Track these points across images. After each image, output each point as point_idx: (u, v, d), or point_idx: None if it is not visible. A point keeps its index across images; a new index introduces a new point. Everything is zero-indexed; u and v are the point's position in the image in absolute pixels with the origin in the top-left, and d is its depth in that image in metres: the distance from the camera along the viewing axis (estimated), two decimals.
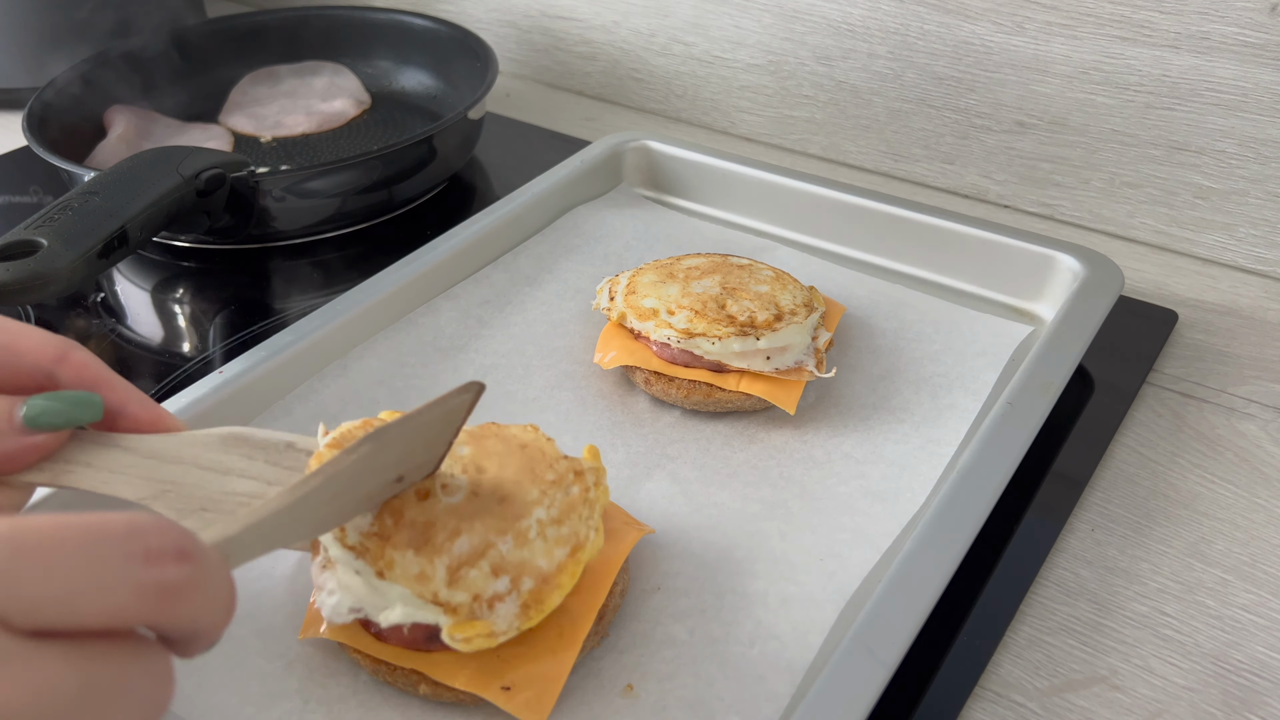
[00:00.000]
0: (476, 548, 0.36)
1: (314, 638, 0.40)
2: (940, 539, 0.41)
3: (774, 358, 0.50)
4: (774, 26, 0.77)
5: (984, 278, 0.60)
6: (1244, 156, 0.63)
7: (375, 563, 0.36)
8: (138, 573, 0.22)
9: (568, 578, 0.37)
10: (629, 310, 0.53)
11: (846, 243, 0.64)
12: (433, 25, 0.85)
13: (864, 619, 0.38)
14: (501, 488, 0.38)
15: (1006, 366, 0.54)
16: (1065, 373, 0.49)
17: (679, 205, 0.70)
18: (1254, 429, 0.53)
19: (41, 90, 0.74)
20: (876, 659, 0.36)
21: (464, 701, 0.38)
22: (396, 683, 0.38)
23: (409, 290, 0.57)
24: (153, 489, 0.36)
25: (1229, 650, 0.42)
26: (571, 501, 0.39)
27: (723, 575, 0.43)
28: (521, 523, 0.37)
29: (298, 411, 0.51)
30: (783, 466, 0.49)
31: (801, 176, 0.65)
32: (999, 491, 0.43)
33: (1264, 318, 0.62)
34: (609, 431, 0.51)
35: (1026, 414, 0.47)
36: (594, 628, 0.39)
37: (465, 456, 0.39)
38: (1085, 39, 0.65)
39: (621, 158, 0.70)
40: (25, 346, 0.35)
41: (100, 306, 0.65)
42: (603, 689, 0.39)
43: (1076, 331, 0.52)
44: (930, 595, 0.39)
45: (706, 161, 0.68)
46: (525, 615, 0.36)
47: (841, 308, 0.57)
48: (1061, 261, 0.57)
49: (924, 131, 0.74)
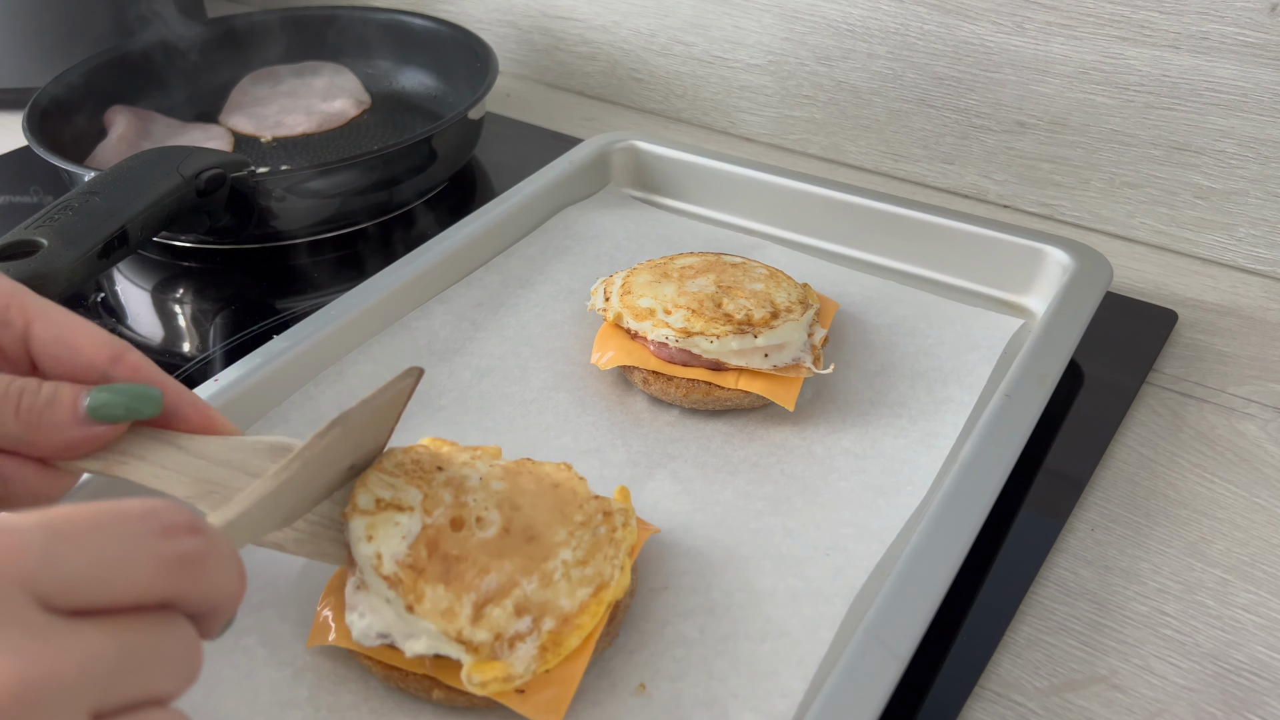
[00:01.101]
0: (503, 586, 0.37)
1: (322, 645, 0.40)
2: (946, 531, 0.41)
3: (772, 355, 0.51)
4: (774, 26, 0.77)
5: (974, 272, 0.61)
6: (1244, 156, 0.63)
7: (407, 595, 0.36)
8: (158, 545, 0.25)
9: (589, 618, 0.37)
10: (625, 310, 0.53)
11: (837, 240, 0.64)
12: (433, 25, 0.85)
13: (875, 612, 0.38)
14: (532, 527, 0.39)
15: (1000, 359, 0.54)
16: (1060, 364, 0.50)
17: (668, 205, 0.70)
18: (1254, 429, 0.53)
19: (41, 90, 0.74)
20: (889, 651, 0.36)
21: (477, 706, 0.38)
22: (409, 688, 0.38)
23: (401, 295, 0.57)
24: (199, 488, 0.37)
25: (1229, 650, 0.42)
26: (598, 541, 0.39)
27: (730, 572, 0.43)
28: (548, 564, 0.38)
29: (294, 419, 0.51)
30: (784, 463, 0.49)
31: (790, 174, 0.65)
32: (1001, 483, 0.43)
33: (1264, 318, 0.62)
34: (608, 432, 0.51)
35: (1024, 406, 0.47)
36: (606, 628, 0.39)
37: (500, 492, 0.40)
38: (1085, 39, 0.65)
39: (609, 158, 0.70)
40: (83, 344, 0.36)
41: (100, 306, 0.65)
42: (615, 689, 0.39)
43: (1068, 323, 0.52)
44: (939, 587, 0.39)
45: (695, 161, 0.68)
46: (543, 658, 0.36)
47: (835, 304, 0.57)
48: (1051, 255, 0.58)
49: (924, 131, 0.75)
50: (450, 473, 0.40)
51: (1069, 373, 0.53)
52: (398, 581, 0.37)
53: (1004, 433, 0.46)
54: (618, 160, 0.70)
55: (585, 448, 0.50)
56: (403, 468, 0.40)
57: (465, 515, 0.38)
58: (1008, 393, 0.48)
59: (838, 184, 0.64)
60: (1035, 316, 0.58)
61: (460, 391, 0.54)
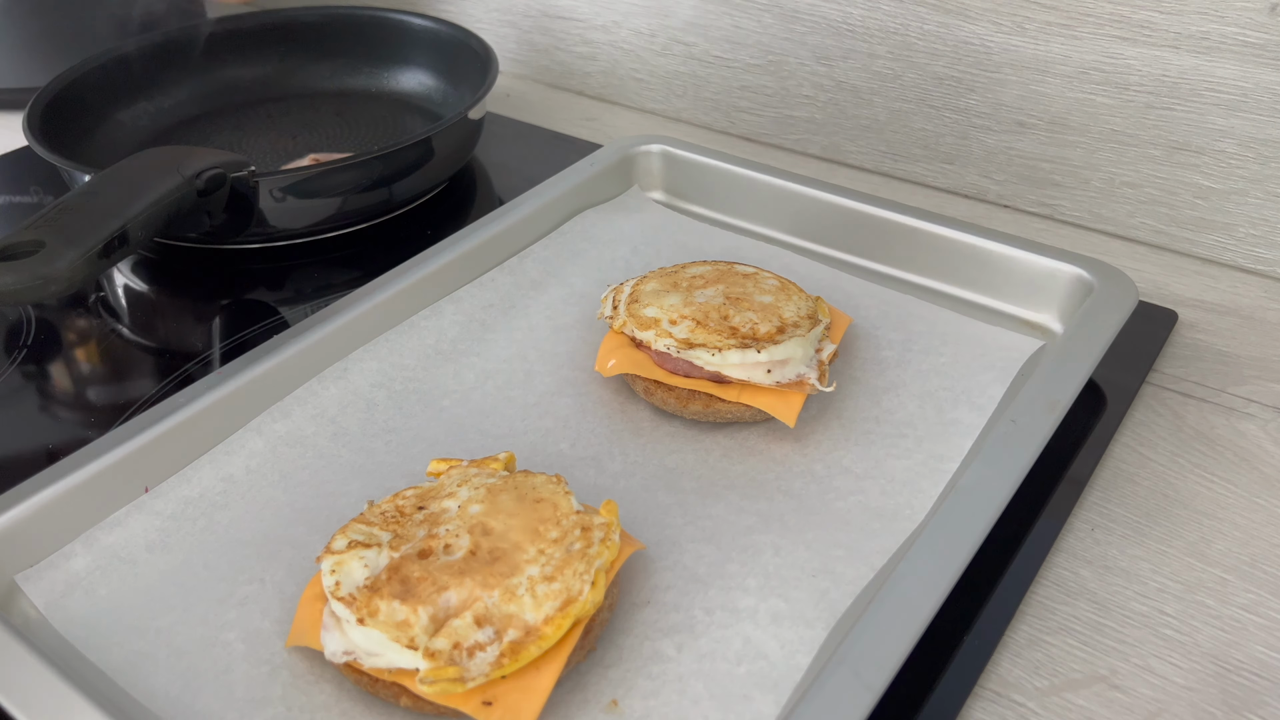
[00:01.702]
0: (464, 601, 0.38)
1: (299, 646, 0.40)
2: (934, 561, 0.40)
3: (775, 370, 0.50)
4: (774, 26, 0.77)
5: (995, 289, 0.59)
6: (1244, 156, 0.63)
7: (359, 610, 0.38)
8: None
9: (554, 629, 0.37)
10: (631, 319, 0.52)
11: (856, 251, 0.63)
12: (433, 25, 0.85)
13: (851, 642, 0.37)
14: (499, 548, 0.39)
15: (1014, 381, 0.53)
16: (1073, 390, 0.48)
17: (690, 210, 0.70)
18: (1254, 429, 0.53)
19: (41, 90, 0.74)
20: (862, 683, 0.35)
21: (445, 715, 0.38)
22: (379, 694, 0.38)
23: (411, 293, 0.57)
24: None
25: (1229, 650, 0.42)
26: (570, 557, 0.39)
27: (714, 590, 0.42)
28: (511, 579, 0.38)
29: (296, 414, 0.51)
30: (781, 480, 0.48)
31: (814, 184, 0.65)
32: (998, 513, 0.42)
33: (1264, 318, 0.62)
34: (607, 440, 0.51)
35: (1030, 433, 0.46)
36: (580, 642, 0.39)
37: (474, 516, 0.40)
38: (1085, 39, 0.65)
39: (633, 162, 0.70)
40: None
41: (100, 306, 0.65)
42: (587, 704, 0.38)
43: (1086, 347, 0.51)
44: (920, 620, 0.38)
45: (720, 167, 0.67)
46: (499, 665, 0.36)
47: (848, 319, 0.55)
48: (1075, 275, 0.56)
49: (924, 131, 0.74)
50: (430, 509, 0.41)
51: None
52: (351, 600, 0.38)
53: (1005, 461, 0.44)
54: (641, 164, 0.70)
55: (582, 455, 0.50)
56: (384, 515, 0.42)
57: (434, 545, 0.40)
58: (1013, 418, 0.46)
59: (859, 194, 0.63)
60: (1055, 337, 0.57)
61: (464, 393, 0.54)
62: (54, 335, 0.62)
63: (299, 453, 0.50)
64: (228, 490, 0.48)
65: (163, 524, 0.46)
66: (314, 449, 0.50)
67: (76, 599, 0.43)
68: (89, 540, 0.45)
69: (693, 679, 0.39)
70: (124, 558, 0.44)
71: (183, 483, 0.47)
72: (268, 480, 0.48)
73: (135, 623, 0.42)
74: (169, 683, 0.39)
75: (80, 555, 0.44)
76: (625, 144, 0.70)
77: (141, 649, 0.41)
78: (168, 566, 0.44)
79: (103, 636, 0.41)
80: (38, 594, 0.43)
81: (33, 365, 0.59)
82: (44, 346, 0.61)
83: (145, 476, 0.47)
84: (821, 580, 0.42)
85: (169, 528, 0.46)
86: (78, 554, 0.44)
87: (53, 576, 0.43)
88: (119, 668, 0.40)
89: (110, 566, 0.44)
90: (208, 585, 0.43)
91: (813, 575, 0.43)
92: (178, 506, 0.47)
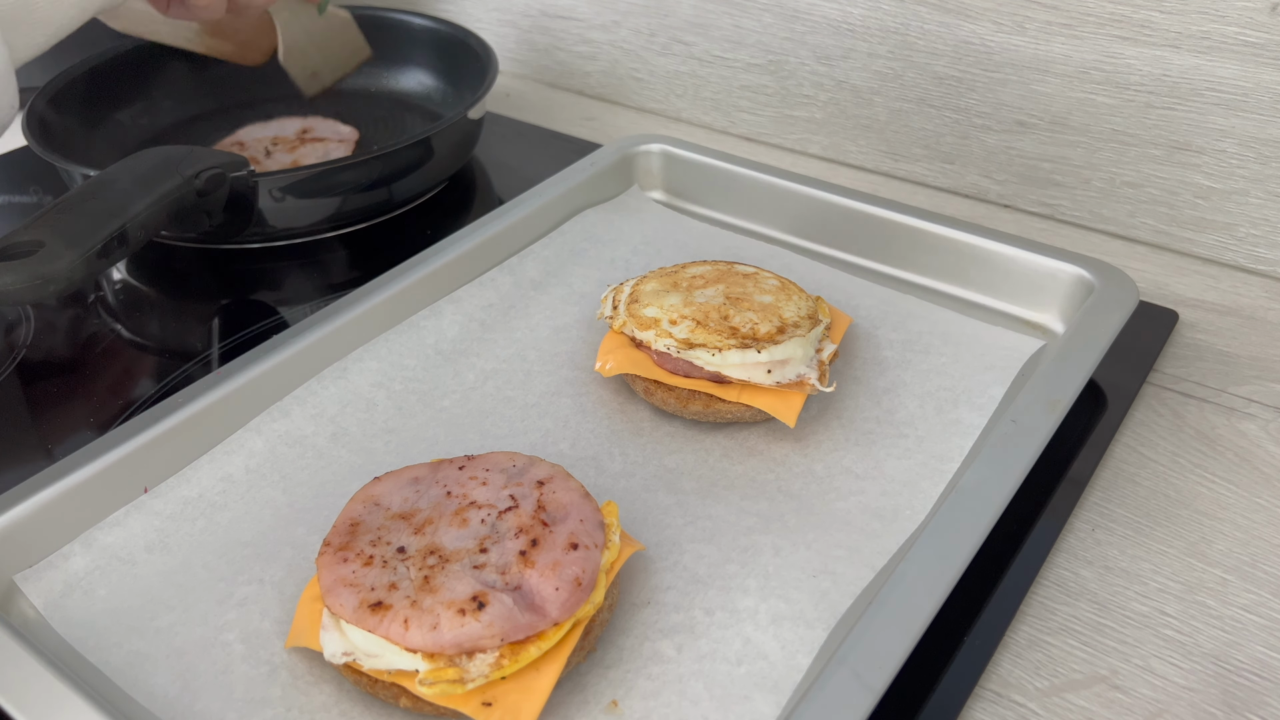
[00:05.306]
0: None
1: (298, 646, 0.40)
2: (934, 562, 0.40)
3: (775, 370, 0.49)
4: (774, 26, 0.77)
5: (996, 289, 0.59)
6: (1244, 156, 0.63)
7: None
8: None
9: (554, 630, 0.37)
10: (630, 319, 0.52)
11: (856, 251, 0.63)
12: (433, 25, 0.85)
13: (851, 642, 0.37)
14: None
15: (1015, 381, 0.52)
16: (1073, 390, 0.48)
17: (690, 210, 0.70)
18: (1254, 429, 0.53)
19: (41, 90, 0.74)
20: (863, 684, 0.35)
21: (445, 715, 0.38)
22: (379, 694, 0.38)
23: (411, 293, 0.57)
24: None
25: (1229, 650, 0.42)
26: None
27: (714, 590, 0.42)
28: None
29: (295, 413, 0.51)
30: (781, 480, 0.48)
31: (814, 184, 0.65)
32: (998, 513, 0.42)
33: (1264, 317, 0.62)
34: (607, 440, 0.51)
35: (1030, 433, 0.46)
36: (581, 642, 0.39)
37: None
38: (1085, 39, 0.65)
39: (633, 161, 0.70)
40: None
41: (100, 306, 0.65)
42: (587, 705, 0.38)
43: (1086, 347, 0.51)
44: (921, 621, 0.38)
45: (720, 167, 0.67)
46: (499, 666, 0.36)
47: (848, 319, 0.55)
48: (1076, 275, 0.56)
49: (924, 131, 0.74)
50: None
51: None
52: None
53: (1006, 461, 0.44)
54: (641, 164, 0.70)
55: (582, 455, 0.50)
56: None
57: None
58: (1014, 418, 0.46)
59: (860, 194, 0.63)
60: (1055, 337, 0.57)
61: (463, 393, 0.54)
62: (53, 335, 0.62)
63: (298, 453, 0.50)
64: (227, 490, 0.48)
65: (162, 524, 0.46)
66: (313, 449, 0.50)
67: (76, 599, 0.43)
68: (88, 540, 0.45)
69: (693, 679, 0.39)
70: (123, 558, 0.44)
71: (182, 483, 0.47)
72: (267, 480, 0.48)
73: (134, 623, 0.42)
74: (168, 683, 0.39)
75: (79, 555, 0.44)
76: (625, 144, 0.70)
77: (141, 649, 0.41)
78: (167, 567, 0.44)
79: (102, 637, 0.41)
80: (37, 594, 0.43)
81: (32, 365, 0.59)
82: (43, 346, 0.61)
83: (144, 477, 0.47)
84: (822, 581, 0.42)
85: (168, 528, 0.46)
86: (77, 554, 0.44)
87: (52, 577, 0.43)
88: (118, 668, 0.40)
89: (109, 567, 0.44)
90: (207, 585, 0.43)
91: (813, 576, 0.43)
92: (177, 507, 0.47)
